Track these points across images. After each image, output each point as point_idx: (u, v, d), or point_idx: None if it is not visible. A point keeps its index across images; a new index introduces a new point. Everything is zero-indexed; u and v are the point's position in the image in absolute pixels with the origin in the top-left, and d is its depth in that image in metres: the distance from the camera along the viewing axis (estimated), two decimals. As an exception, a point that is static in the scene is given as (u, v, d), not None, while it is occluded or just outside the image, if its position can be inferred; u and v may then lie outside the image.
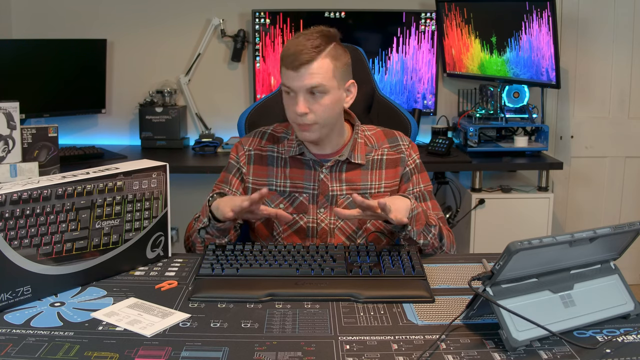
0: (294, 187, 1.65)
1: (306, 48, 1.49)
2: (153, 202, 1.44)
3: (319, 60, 1.50)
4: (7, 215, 1.20)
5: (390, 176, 1.67)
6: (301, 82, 1.50)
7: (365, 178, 1.65)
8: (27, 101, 2.75)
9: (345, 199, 1.64)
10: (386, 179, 1.66)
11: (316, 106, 1.53)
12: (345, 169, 1.65)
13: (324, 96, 1.52)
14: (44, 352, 1.05)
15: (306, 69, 1.49)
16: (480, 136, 3.12)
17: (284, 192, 1.65)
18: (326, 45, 1.52)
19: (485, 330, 1.14)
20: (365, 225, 1.64)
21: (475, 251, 2.96)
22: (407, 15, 3.27)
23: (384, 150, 1.68)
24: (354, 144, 1.65)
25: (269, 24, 3.27)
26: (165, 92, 3.34)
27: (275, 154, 1.67)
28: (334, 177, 1.64)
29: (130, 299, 1.27)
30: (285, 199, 1.65)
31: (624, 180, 3.51)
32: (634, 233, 1.17)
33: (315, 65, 1.50)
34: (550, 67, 2.93)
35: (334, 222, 1.64)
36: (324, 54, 1.51)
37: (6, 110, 2.01)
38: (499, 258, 1.06)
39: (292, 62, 1.50)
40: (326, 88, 1.52)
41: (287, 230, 1.65)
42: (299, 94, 1.52)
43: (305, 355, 1.05)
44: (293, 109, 1.54)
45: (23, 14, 3.38)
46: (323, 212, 1.64)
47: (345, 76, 1.58)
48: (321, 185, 1.64)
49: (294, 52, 1.50)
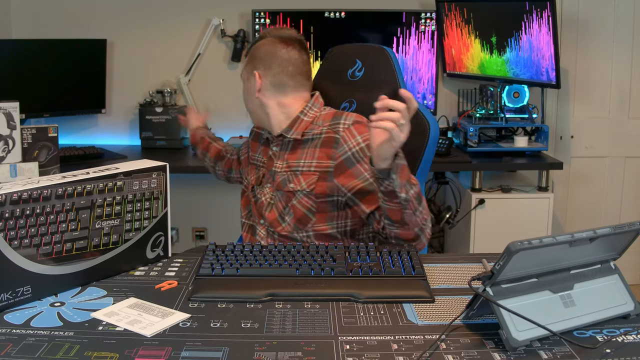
0: (261, 162, 1.83)
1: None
2: (153, 202, 1.44)
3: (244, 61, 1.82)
4: (7, 215, 1.20)
5: (322, 156, 1.67)
6: None
7: (301, 156, 1.70)
8: (27, 101, 2.75)
9: (280, 175, 1.72)
10: (318, 158, 1.67)
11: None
12: (290, 148, 1.73)
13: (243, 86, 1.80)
14: (44, 352, 1.05)
15: None
16: (480, 136, 3.12)
17: (256, 165, 1.84)
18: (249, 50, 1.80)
19: (485, 330, 1.14)
20: (291, 202, 1.68)
21: (475, 251, 2.97)
22: (407, 15, 3.27)
23: (323, 129, 1.70)
24: (295, 121, 1.73)
25: (269, 24, 3.27)
26: (165, 92, 3.34)
27: (263, 134, 1.86)
28: (280, 155, 1.75)
29: (130, 299, 1.27)
30: (255, 172, 1.84)
31: (624, 180, 3.51)
32: (634, 233, 1.17)
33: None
34: (550, 67, 2.93)
35: (271, 196, 1.75)
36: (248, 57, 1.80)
37: (6, 110, 2.01)
38: (499, 258, 1.06)
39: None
40: (243, 79, 1.81)
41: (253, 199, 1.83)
42: None
43: (305, 355, 1.05)
44: None
45: (23, 14, 3.38)
46: (268, 187, 1.76)
47: (252, 68, 1.76)
48: (269, 161, 1.78)
49: None
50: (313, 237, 1.68)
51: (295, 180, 1.69)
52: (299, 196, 1.68)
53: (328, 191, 1.65)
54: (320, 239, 1.68)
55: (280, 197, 1.71)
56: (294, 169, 1.70)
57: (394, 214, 1.52)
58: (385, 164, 1.43)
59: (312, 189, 1.66)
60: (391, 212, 1.52)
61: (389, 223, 1.55)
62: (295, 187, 1.68)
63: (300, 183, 1.68)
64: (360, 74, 2.01)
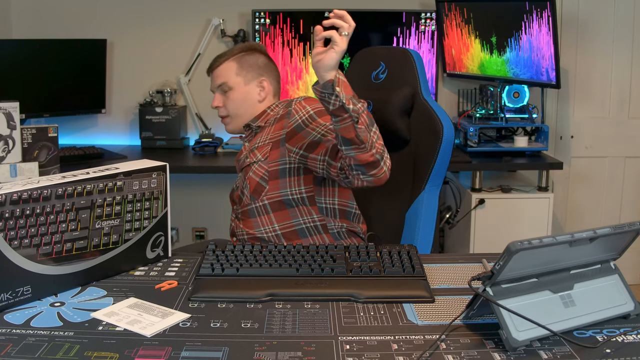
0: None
1: (217, 59, 1.91)
2: (153, 202, 1.44)
3: (223, 64, 1.89)
4: (7, 215, 1.20)
5: (276, 129, 1.80)
6: (212, 83, 1.92)
7: (260, 136, 1.85)
8: (27, 101, 2.75)
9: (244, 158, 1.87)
10: (273, 132, 1.81)
11: (225, 100, 1.90)
12: (255, 136, 1.88)
13: (231, 92, 1.88)
14: (44, 352, 1.05)
15: (215, 73, 1.91)
16: (480, 136, 3.12)
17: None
18: (232, 54, 1.90)
19: (485, 330, 1.14)
20: (247, 174, 1.82)
21: (475, 251, 2.97)
22: (407, 15, 3.27)
23: (279, 111, 1.86)
24: (262, 114, 1.89)
25: (269, 24, 3.27)
26: (165, 92, 3.34)
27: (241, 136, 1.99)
28: (248, 145, 1.90)
29: (130, 299, 1.27)
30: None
31: (624, 180, 3.51)
32: (634, 233, 1.17)
33: (219, 69, 1.89)
34: (550, 67, 2.93)
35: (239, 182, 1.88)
36: (229, 60, 1.89)
37: (6, 110, 2.01)
38: (499, 258, 1.06)
39: (208, 70, 1.94)
40: (229, 86, 1.88)
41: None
42: (214, 92, 1.91)
43: (305, 355, 1.05)
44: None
45: (23, 14, 3.38)
46: (239, 177, 1.89)
47: (255, 75, 1.89)
48: (240, 153, 1.92)
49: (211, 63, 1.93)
50: (269, 207, 1.77)
51: (251, 155, 1.83)
52: (254, 167, 1.80)
53: (280, 156, 1.75)
54: (275, 208, 1.77)
55: (242, 176, 1.85)
56: (253, 147, 1.84)
57: (347, 131, 1.49)
58: (330, 75, 1.46)
59: (266, 157, 1.78)
60: (344, 131, 1.49)
61: (346, 147, 1.52)
62: (251, 160, 1.82)
63: (255, 155, 1.81)
64: (384, 76, 2.01)
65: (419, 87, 1.93)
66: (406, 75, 1.93)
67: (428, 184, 1.86)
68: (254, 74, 1.89)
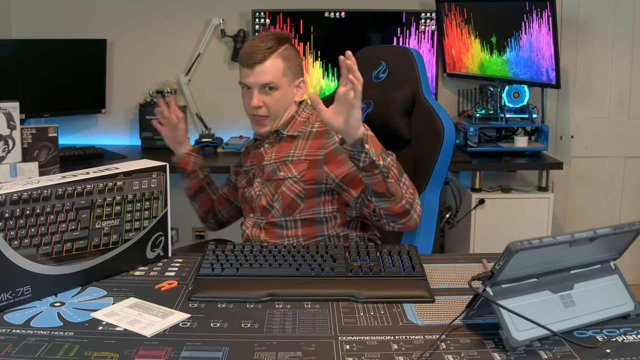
0: (250, 165, 1.88)
1: (260, 49, 1.70)
2: (153, 202, 1.44)
3: (270, 60, 1.71)
4: (7, 215, 1.20)
5: (314, 146, 1.73)
6: (256, 79, 1.71)
7: (292, 147, 1.76)
8: (27, 101, 2.75)
9: (269, 166, 1.77)
10: (309, 149, 1.74)
11: (268, 100, 1.73)
12: (282, 142, 1.79)
13: (276, 92, 1.73)
14: (44, 352, 1.05)
15: (260, 67, 1.70)
16: (480, 136, 3.12)
17: (247, 171, 1.89)
18: (278, 46, 1.72)
19: (485, 330, 1.14)
20: (280, 189, 1.73)
21: (475, 251, 2.96)
22: (407, 15, 3.27)
23: (315, 124, 1.78)
24: (291, 120, 1.80)
25: (269, 24, 3.27)
26: (165, 92, 3.34)
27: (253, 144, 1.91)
28: (271, 150, 1.80)
29: (130, 299, 1.27)
30: (245, 177, 1.89)
31: (624, 180, 3.51)
32: (634, 233, 1.17)
33: (267, 64, 1.70)
34: (550, 67, 2.93)
35: (261, 189, 1.79)
36: (275, 55, 1.72)
37: (6, 110, 2.01)
38: (499, 258, 1.06)
39: (247, 60, 1.71)
40: (277, 85, 1.72)
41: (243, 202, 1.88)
42: (253, 89, 1.72)
43: (305, 355, 1.05)
44: (248, 102, 1.74)
45: (23, 14, 3.38)
46: (258, 182, 1.81)
47: (296, 75, 1.78)
48: (258, 157, 1.82)
49: (249, 52, 1.71)
50: (299, 223, 1.73)
51: (285, 169, 1.74)
52: (288, 183, 1.73)
53: (317, 177, 1.71)
54: (306, 224, 1.73)
55: (269, 186, 1.76)
56: (284, 159, 1.76)
57: (378, 185, 1.52)
58: (359, 133, 1.45)
59: (303, 175, 1.71)
60: (375, 185, 1.52)
61: (377, 199, 1.56)
62: (285, 175, 1.74)
63: (290, 171, 1.73)
64: (384, 76, 2.01)
65: (420, 87, 1.92)
66: (407, 74, 1.93)
67: (429, 184, 1.86)
68: (295, 73, 1.77)
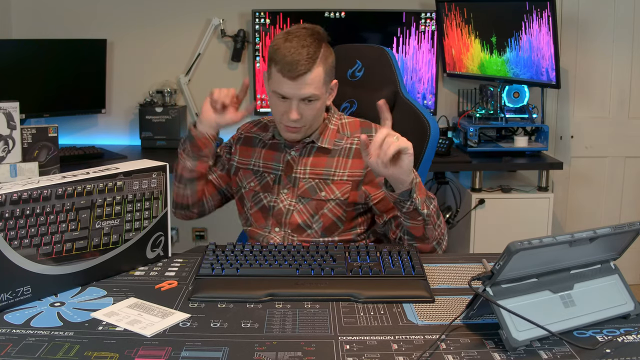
0: (265, 167, 1.73)
1: (303, 58, 1.52)
2: (153, 202, 1.44)
3: (314, 71, 1.55)
4: (7, 215, 1.20)
5: (355, 166, 1.66)
6: (298, 92, 1.55)
7: (330, 164, 1.67)
8: (27, 101, 2.75)
9: (306, 182, 1.67)
10: (351, 168, 1.66)
11: (307, 111, 1.59)
12: (313, 154, 1.69)
13: (316, 102, 1.59)
14: (44, 352, 1.05)
15: (303, 79, 1.54)
16: (480, 136, 3.12)
17: (257, 171, 1.74)
18: (319, 50, 1.56)
19: (485, 330, 1.14)
20: (322, 210, 1.65)
21: (475, 251, 2.96)
22: (407, 15, 3.27)
23: (354, 140, 1.69)
24: (324, 129, 1.69)
25: (269, 24, 3.27)
26: (165, 92, 3.34)
27: (259, 137, 1.77)
28: (301, 160, 1.68)
29: (130, 299, 1.27)
30: (255, 178, 1.74)
31: (624, 180, 3.51)
32: (634, 233, 1.17)
33: (310, 76, 1.54)
34: (550, 67, 2.93)
35: (293, 204, 1.68)
36: (318, 62, 1.55)
37: (6, 110, 2.01)
38: (499, 258, 1.06)
39: (289, 71, 1.53)
40: (318, 96, 1.58)
41: (253, 207, 1.74)
42: (293, 101, 1.57)
43: (305, 355, 1.05)
44: (283, 112, 1.59)
45: (23, 14, 3.38)
46: (285, 194, 1.68)
47: (331, 78, 1.63)
48: (287, 167, 1.69)
49: (290, 61, 1.52)
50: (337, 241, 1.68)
51: (327, 189, 1.65)
52: (330, 205, 1.65)
53: (358, 199, 1.66)
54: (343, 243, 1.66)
55: (305, 204, 1.67)
56: (324, 177, 1.66)
57: (417, 230, 1.54)
58: (408, 180, 1.43)
59: (346, 198, 1.65)
60: (414, 230, 1.54)
61: (409, 238, 1.57)
62: (327, 196, 1.65)
63: (333, 192, 1.65)
64: (360, 74, 2.00)
65: (399, 86, 1.93)
66: (386, 73, 1.92)
67: None
68: (331, 77, 1.63)
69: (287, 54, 1.53)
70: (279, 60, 1.54)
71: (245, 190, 1.76)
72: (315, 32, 1.58)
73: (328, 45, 1.61)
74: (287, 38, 1.56)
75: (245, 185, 1.75)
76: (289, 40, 1.55)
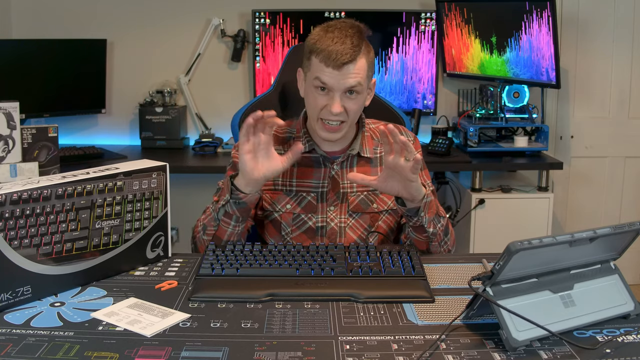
0: (301, 186, 1.61)
1: (347, 46, 1.45)
2: (153, 202, 1.44)
3: (359, 60, 1.48)
4: (7, 215, 1.20)
5: None
6: (342, 82, 1.47)
7: (375, 173, 1.59)
8: (27, 101, 2.75)
9: (356, 196, 1.62)
10: None
11: (350, 105, 1.50)
12: (356, 165, 1.63)
13: (359, 96, 1.51)
14: (44, 352, 1.05)
15: (348, 69, 1.46)
16: (480, 136, 3.12)
17: (290, 191, 1.62)
18: (362, 42, 1.49)
19: (485, 330, 1.14)
20: (377, 223, 1.63)
21: (475, 251, 2.96)
22: (407, 15, 3.27)
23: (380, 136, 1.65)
24: (363, 138, 1.63)
25: (269, 24, 3.27)
26: (165, 92, 3.34)
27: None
28: (346, 173, 1.61)
29: (130, 299, 1.27)
30: (291, 199, 1.62)
31: (624, 180, 3.51)
32: (634, 233, 1.17)
33: (356, 65, 1.47)
34: (550, 67, 2.93)
35: (344, 220, 1.61)
36: (362, 52, 1.49)
37: (6, 110, 2.01)
38: (499, 258, 1.06)
39: (334, 60, 1.45)
40: (362, 88, 1.50)
41: (295, 230, 1.63)
42: (336, 93, 1.48)
43: (305, 355, 1.05)
44: (323, 105, 1.50)
45: (23, 14, 3.38)
46: (333, 211, 1.61)
47: (371, 75, 1.56)
48: (332, 182, 1.61)
49: (335, 50, 1.45)
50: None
51: (378, 200, 1.62)
52: (384, 216, 1.63)
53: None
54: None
55: (358, 218, 1.62)
56: (372, 189, 1.60)
57: (420, 244, 1.55)
58: (419, 198, 1.43)
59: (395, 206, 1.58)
60: (418, 243, 1.55)
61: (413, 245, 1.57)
62: (380, 207, 1.61)
63: (385, 202, 1.62)
64: None
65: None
66: None
67: None
68: (372, 73, 1.56)
69: (331, 43, 1.45)
70: (322, 50, 1.46)
71: (280, 213, 1.63)
72: (356, 25, 1.52)
73: (368, 42, 1.54)
74: (328, 30, 1.49)
75: (280, 208, 1.62)
76: (330, 31, 1.48)
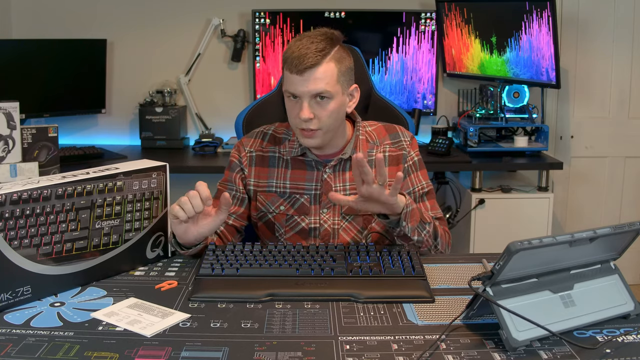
0: (295, 188, 1.63)
1: (310, 51, 1.46)
2: (153, 202, 1.44)
3: (323, 65, 1.47)
4: (7, 215, 1.20)
5: (392, 174, 1.62)
6: (306, 88, 1.47)
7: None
8: (27, 101, 2.75)
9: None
10: (389, 177, 1.60)
11: (321, 112, 1.50)
12: (349, 168, 1.62)
13: (329, 102, 1.50)
14: (44, 352, 1.05)
15: (310, 74, 1.47)
16: (480, 136, 3.12)
17: (284, 193, 1.63)
18: (330, 48, 1.49)
19: (485, 330, 1.14)
20: (370, 224, 1.63)
21: (475, 251, 2.96)
22: (407, 15, 3.27)
23: (385, 147, 1.65)
24: (356, 141, 1.64)
25: (269, 24, 3.27)
26: (165, 92, 3.34)
27: (276, 155, 1.64)
28: (338, 177, 1.62)
29: (130, 299, 1.27)
30: (285, 201, 1.63)
31: (624, 180, 3.51)
32: (634, 233, 1.17)
33: (320, 70, 1.47)
34: (550, 67, 2.93)
35: (337, 222, 1.62)
36: (329, 58, 1.48)
37: (6, 110, 2.01)
38: (499, 258, 1.06)
39: (296, 65, 1.46)
40: (331, 94, 1.49)
41: (289, 231, 1.64)
42: (303, 99, 1.49)
43: (305, 355, 1.05)
44: (296, 114, 1.51)
45: (23, 14, 3.38)
46: (326, 213, 1.62)
47: (349, 80, 1.56)
48: (324, 185, 1.61)
49: (298, 55, 1.46)
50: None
51: None
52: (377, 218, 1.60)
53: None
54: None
55: (351, 221, 1.63)
56: None
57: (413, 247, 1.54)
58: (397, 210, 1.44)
59: None
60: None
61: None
62: None
63: None
64: None
65: (371, 84, 1.92)
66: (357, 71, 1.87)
67: None
68: (349, 79, 1.55)
69: (295, 49, 1.48)
70: (287, 58, 1.49)
71: (274, 214, 1.64)
72: (328, 33, 1.52)
73: (345, 48, 1.55)
74: (297, 39, 1.52)
75: (274, 209, 1.64)
76: (299, 40, 1.51)
